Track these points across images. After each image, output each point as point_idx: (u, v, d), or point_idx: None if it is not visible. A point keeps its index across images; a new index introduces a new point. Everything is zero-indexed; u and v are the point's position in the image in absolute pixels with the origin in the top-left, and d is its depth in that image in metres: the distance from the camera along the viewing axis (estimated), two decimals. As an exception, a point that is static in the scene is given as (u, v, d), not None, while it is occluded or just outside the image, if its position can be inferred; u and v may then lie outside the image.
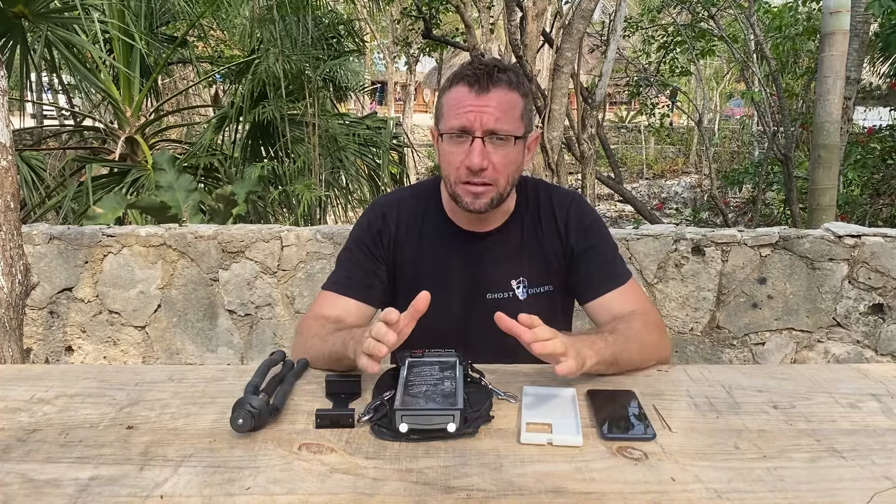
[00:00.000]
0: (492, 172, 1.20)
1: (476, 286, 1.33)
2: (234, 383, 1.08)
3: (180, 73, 8.24)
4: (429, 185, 1.41)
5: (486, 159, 1.19)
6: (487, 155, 1.19)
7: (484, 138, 1.19)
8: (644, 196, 13.05)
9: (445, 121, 1.23)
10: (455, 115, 1.20)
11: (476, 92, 1.19)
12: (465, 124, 1.19)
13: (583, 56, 6.36)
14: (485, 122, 1.18)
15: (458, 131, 1.20)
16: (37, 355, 2.98)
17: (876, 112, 10.14)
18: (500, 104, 1.19)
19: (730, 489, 0.79)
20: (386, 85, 20.22)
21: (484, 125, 1.18)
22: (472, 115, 1.18)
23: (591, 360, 1.04)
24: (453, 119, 1.20)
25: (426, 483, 0.80)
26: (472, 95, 1.19)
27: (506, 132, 1.20)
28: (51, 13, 4.41)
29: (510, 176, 1.24)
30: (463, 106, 1.19)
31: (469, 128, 1.19)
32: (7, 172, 1.97)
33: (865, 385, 1.10)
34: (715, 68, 16.76)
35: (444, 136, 1.23)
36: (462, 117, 1.19)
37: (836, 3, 3.93)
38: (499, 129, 1.19)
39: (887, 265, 2.80)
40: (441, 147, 1.25)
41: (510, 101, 1.21)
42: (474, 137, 1.19)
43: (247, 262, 2.96)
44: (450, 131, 1.21)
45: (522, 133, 1.24)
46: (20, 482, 0.81)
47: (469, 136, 1.19)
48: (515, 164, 1.24)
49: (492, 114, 1.18)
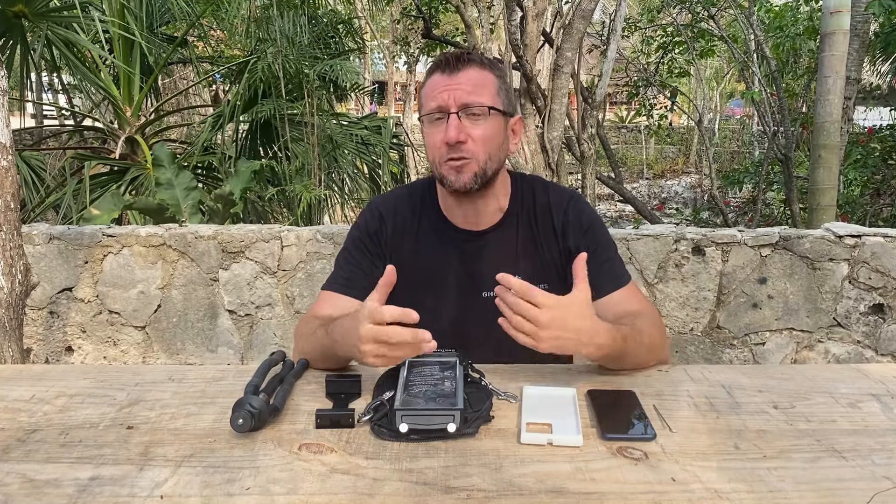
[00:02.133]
0: (471, 146, 1.22)
1: (472, 285, 1.33)
2: (234, 383, 1.08)
3: (180, 73, 8.24)
4: (425, 184, 1.41)
5: (462, 132, 1.21)
6: (464, 129, 1.22)
7: (459, 113, 1.22)
8: (644, 196, 13.04)
9: (424, 106, 1.26)
10: (431, 98, 1.24)
11: (448, 73, 1.23)
12: (440, 103, 1.22)
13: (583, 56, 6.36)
14: (458, 97, 1.21)
15: (436, 111, 1.23)
16: (37, 355, 2.98)
17: (876, 112, 10.14)
18: (471, 80, 1.23)
19: (730, 489, 0.79)
20: (385, 85, 20.21)
21: (458, 100, 1.21)
22: (445, 94, 1.22)
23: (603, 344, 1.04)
24: (430, 101, 1.24)
25: (426, 483, 0.80)
26: (444, 77, 1.23)
27: (479, 104, 1.22)
28: (51, 12, 4.41)
29: (491, 152, 1.25)
30: (436, 88, 1.23)
31: (444, 105, 1.22)
32: (7, 172, 1.97)
33: (865, 385, 1.10)
34: (715, 68, 16.76)
35: (425, 120, 1.26)
36: (437, 98, 1.23)
37: (836, 3, 3.93)
38: (472, 101, 1.22)
39: (888, 265, 2.80)
40: (425, 135, 1.28)
41: (482, 77, 1.24)
42: (449, 114, 1.21)
43: (247, 262, 2.96)
44: (428, 113, 1.24)
45: (501, 108, 1.26)
46: (20, 482, 0.81)
47: (445, 115, 1.22)
48: (495, 139, 1.26)
49: (464, 89, 1.21)
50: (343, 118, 5.63)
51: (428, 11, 6.85)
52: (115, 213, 3.48)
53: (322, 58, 4.95)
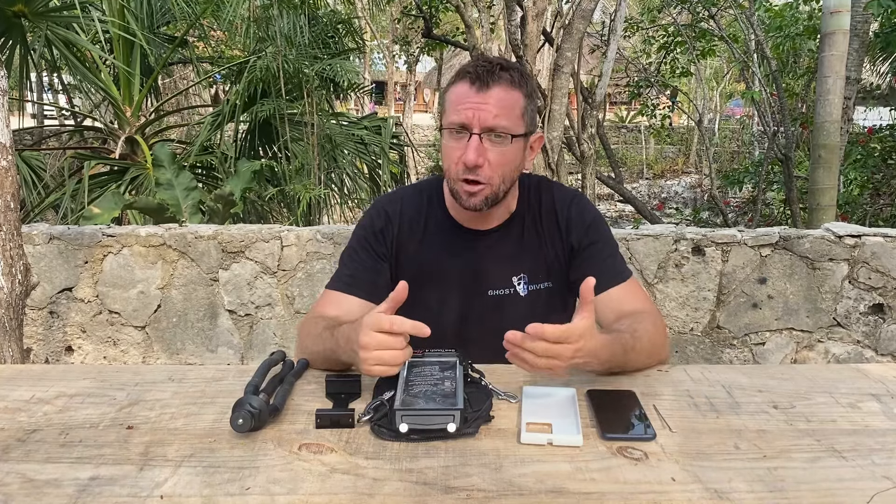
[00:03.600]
0: (487, 170, 1.22)
1: (477, 282, 1.34)
2: (234, 383, 1.08)
3: (180, 73, 8.24)
4: (431, 183, 1.41)
5: (481, 156, 1.20)
6: (483, 152, 1.20)
7: (481, 135, 1.20)
8: (644, 196, 13.04)
9: (447, 116, 1.24)
10: (455, 111, 1.22)
11: (477, 89, 1.20)
12: (464, 120, 1.20)
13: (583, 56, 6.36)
14: (482, 119, 1.19)
15: (458, 127, 1.21)
16: (37, 355, 2.98)
17: (876, 112, 10.14)
18: (500, 101, 1.20)
19: (730, 489, 0.79)
20: (385, 85, 20.21)
21: (482, 122, 1.19)
22: (470, 112, 1.20)
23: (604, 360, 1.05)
24: (454, 114, 1.22)
25: (426, 483, 0.80)
26: (472, 92, 1.20)
27: (503, 129, 1.21)
28: (50, 12, 4.41)
29: (506, 175, 1.25)
30: (463, 102, 1.21)
31: (467, 124, 1.20)
32: (7, 172, 1.97)
33: (865, 385, 1.10)
34: (715, 68, 16.75)
35: (445, 130, 1.24)
36: (461, 113, 1.20)
37: (836, 3, 3.93)
38: (496, 125, 1.20)
39: (887, 265, 2.80)
40: (443, 141, 1.27)
41: (510, 99, 1.22)
42: (472, 134, 1.20)
43: (247, 262, 2.96)
44: (449, 126, 1.23)
45: (523, 132, 1.25)
46: (20, 482, 0.81)
47: (467, 133, 1.21)
48: (513, 163, 1.25)
49: (490, 111, 1.19)
50: (343, 118, 5.62)
51: (428, 11, 6.85)
52: (115, 213, 3.48)
53: (322, 57, 4.94)
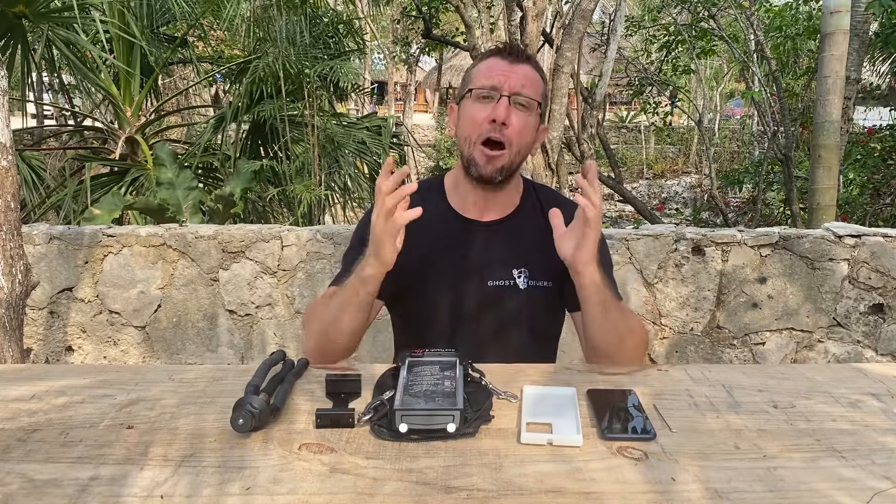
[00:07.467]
0: (511, 132, 1.27)
1: (478, 273, 1.35)
2: (234, 383, 1.08)
3: (180, 73, 8.24)
4: (432, 181, 1.43)
5: (509, 115, 1.27)
6: (510, 114, 1.27)
7: (510, 97, 1.26)
8: (644, 196, 13.04)
9: (475, 82, 1.31)
10: (486, 76, 1.29)
11: (509, 61, 1.30)
12: (496, 84, 1.27)
13: (583, 56, 6.37)
14: (513, 84, 1.27)
15: (488, 89, 1.28)
16: (37, 355, 2.98)
17: (876, 112, 10.13)
18: (527, 75, 1.30)
19: (730, 489, 0.79)
20: (385, 85, 20.20)
21: (512, 87, 1.27)
22: (502, 77, 1.28)
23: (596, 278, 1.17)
24: (484, 80, 1.29)
25: (426, 483, 0.80)
26: (504, 63, 1.30)
27: (529, 97, 1.28)
28: (51, 13, 4.41)
29: (522, 146, 1.30)
30: (493, 69, 1.30)
31: (499, 86, 1.27)
32: (7, 172, 1.97)
33: (865, 385, 1.10)
34: (715, 68, 16.74)
35: (473, 93, 1.30)
36: (494, 78, 1.28)
37: (836, 3, 3.93)
38: (524, 92, 1.28)
39: (887, 265, 2.80)
40: (464, 110, 1.32)
41: (535, 77, 1.32)
42: (501, 95, 1.26)
43: (247, 262, 2.96)
44: (479, 88, 1.29)
45: (540, 111, 1.33)
46: (20, 482, 0.80)
47: (497, 94, 1.27)
48: (530, 135, 1.32)
49: (519, 80, 1.28)
50: (343, 118, 5.63)
51: (428, 11, 6.85)
52: (116, 213, 3.49)
53: (322, 58, 4.94)
